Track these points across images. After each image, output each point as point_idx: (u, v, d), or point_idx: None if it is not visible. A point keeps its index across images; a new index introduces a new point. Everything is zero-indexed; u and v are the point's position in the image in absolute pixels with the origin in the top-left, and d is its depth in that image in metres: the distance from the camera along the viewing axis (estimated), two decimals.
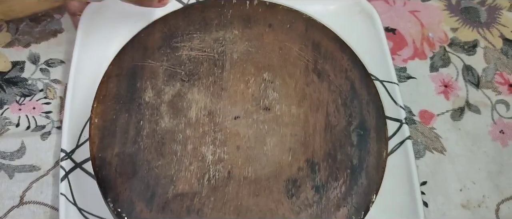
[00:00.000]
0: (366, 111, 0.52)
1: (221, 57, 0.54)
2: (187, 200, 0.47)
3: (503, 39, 0.64)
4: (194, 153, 0.49)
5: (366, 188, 0.49)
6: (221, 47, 0.55)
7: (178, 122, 0.51)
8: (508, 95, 0.60)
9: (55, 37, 0.61)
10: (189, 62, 0.54)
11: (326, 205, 0.48)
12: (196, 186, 0.48)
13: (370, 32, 0.57)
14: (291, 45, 0.55)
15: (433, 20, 0.65)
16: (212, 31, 0.56)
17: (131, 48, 0.53)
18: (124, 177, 0.48)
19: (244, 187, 0.48)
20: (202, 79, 0.53)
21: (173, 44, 0.54)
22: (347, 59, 0.55)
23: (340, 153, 0.50)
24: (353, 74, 0.54)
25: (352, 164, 0.50)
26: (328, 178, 0.49)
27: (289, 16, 0.57)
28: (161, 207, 0.47)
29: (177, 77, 0.53)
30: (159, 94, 0.52)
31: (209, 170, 0.49)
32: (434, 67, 0.61)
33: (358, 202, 0.48)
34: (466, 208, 0.53)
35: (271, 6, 0.57)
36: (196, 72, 0.53)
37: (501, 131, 0.57)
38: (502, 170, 0.55)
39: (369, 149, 0.51)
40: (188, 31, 0.55)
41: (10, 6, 0.56)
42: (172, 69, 0.53)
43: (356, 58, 0.55)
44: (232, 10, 0.57)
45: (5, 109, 0.55)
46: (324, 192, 0.48)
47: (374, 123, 0.52)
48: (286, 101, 0.52)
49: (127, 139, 0.49)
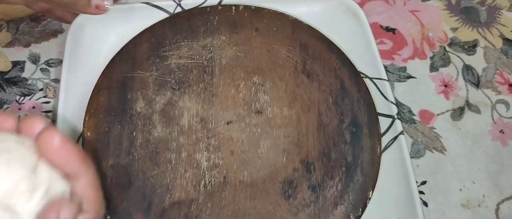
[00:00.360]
0: (357, 108, 0.53)
1: (210, 64, 0.54)
2: (184, 207, 0.47)
3: (503, 39, 0.64)
4: (188, 160, 0.49)
5: (362, 184, 0.49)
6: (210, 54, 0.55)
7: (171, 131, 0.51)
8: (508, 95, 0.60)
9: (55, 37, 0.60)
10: (178, 71, 0.54)
11: (323, 204, 0.48)
12: (193, 193, 0.48)
13: (357, 31, 0.58)
14: (279, 47, 0.56)
15: (433, 20, 0.65)
16: (200, 38, 0.56)
17: (120, 60, 0.53)
18: (120, 188, 0.47)
19: (241, 191, 0.48)
20: (193, 86, 0.53)
21: (162, 53, 0.54)
22: (336, 58, 0.55)
23: (334, 152, 0.50)
24: (342, 72, 0.54)
25: (346, 162, 0.50)
26: (324, 177, 0.49)
27: (275, 19, 0.57)
28: (159, 216, 0.47)
29: (168, 86, 0.53)
30: (151, 104, 0.52)
31: (204, 176, 0.49)
32: (434, 67, 0.61)
33: (355, 199, 0.48)
34: (466, 207, 0.53)
35: (256, 10, 0.57)
36: (186, 79, 0.53)
37: (501, 131, 0.57)
38: (502, 169, 0.55)
39: (362, 145, 0.51)
40: (176, 39, 0.55)
41: (10, 5, 0.56)
42: (162, 78, 0.53)
43: (344, 56, 0.55)
44: (218, 16, 0.57)
45: (5, 108, 0.55)
46: (320, 191, 0.48)
47: (366, 119, 0.52)
48: (278, 103, 0.53)
49: (121, 151, 0.49)
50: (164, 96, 0.52)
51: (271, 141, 0.51)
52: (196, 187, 0.48)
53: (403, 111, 0.58)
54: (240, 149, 0.50)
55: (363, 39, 0.57)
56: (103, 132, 0.50)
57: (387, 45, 0.62)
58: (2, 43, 0.59)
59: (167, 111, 0.52)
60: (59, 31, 0.61)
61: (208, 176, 0.48)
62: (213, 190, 0.48)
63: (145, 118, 0.51)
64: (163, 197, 0.47)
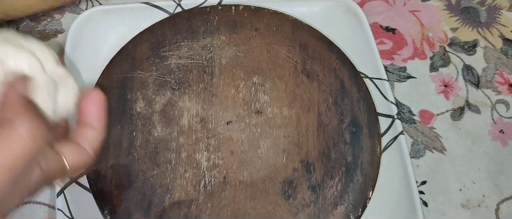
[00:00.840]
0: (357, 108, 0.53)
1: (210, 64, 0.54)
2: (184, 207, 0.47)
3: (503, 39, 0.64)
4: (188, 160, 0.49)
5: (362, 185, 0.49)
6: (210, 54, 0.55)
7: (171, 131, 0.51)
8: (508, 95, 0.60)
9: (56, 37, 0.60)
10: (178, 71, 0.54)
11: (323, 204, 0.48)
12: (193, 193, 0.48)
13: (356, 30, 0.58)
14: (279, 47, 0.56)
15: (433, 20, 0.65)
16: (200, 38, 0.56)
17: (120, 60, 0.53)
18: (120, 188, 0.47)
19: (241, 191, 0.48)
20: (192, 87, 0.53)
21: (161, 53, 0.54)
22: (336, 58, 0.55)
23: (334, 152, 0.50)
24: (342, 72, 0.54)
25: (346, 162, 0.50)
26: (324, 177, 0.49)
27: (275, 19, 0.57)
28: (159, 216, 0.47)
29: (167, 86, 0.53)
30: (150, 104, 0.52)
31: (204, 177, 0.49)
32: (434, 67, 0.61)
33: (355, 199, 0.48)
34: (466, 207, 0.53)
35: (256, 10, 0.57)
36: (186, 80, 0.53)
37: (501, 131, 0.57)
38: (502, 170, 0.55)
39: (362, 145, 0.51)
40: (176, 39, 0.55)
41: (11, 5, 0.56)
42: (162, 78, 0.53)
43: (344, 56, 0.55)
44: (218, 16, 0.57)
45: None
46: (320, 191, 0.48)
47: (366, 119, 0.52)
48: (277, 103, 0.53)
49: (121, 151, 0.49)
50: (164, 96, 0.52)
51: (271, 141, 0.51)
52: (196, 187, 0.48)
53: (403, 111, 0.58)
54: (240, 149, 0.50)
55: (363, 39, 0.57)
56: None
57: (387, 45, 0.62)
58: None
59: (167, 111, 0.52)
60: (59, 31, 0.61)
61: (208, 176, 0.48)
62: (213, 190, 0.48)
63: (145, 118, 0.51)
64: (163, 197, 0.47)
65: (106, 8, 0.56)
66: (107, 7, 0.56)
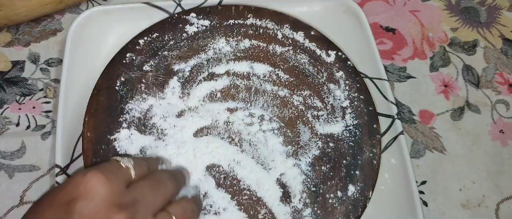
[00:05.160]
0: (357, 108, 0.53)
1: (210, 63, 0.54)
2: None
3: (503, 39, 0.64)
4: None
5: (362, 185, 0.49)
6: (210, 54, 0.55)
7: None
8: (508, 95, 0.60)
9: (55, 36, 0.60)
10: (178, 71, 0.54)
11: (323, 204, 0.48)
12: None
13: (356, 31, 0.58)
14: (279, 47, 0.56)
15: (433, 20, 0.65)
16: (200, 38, 0.56)
17: (120, 60, 0.53)
18: None
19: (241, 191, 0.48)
20: (193, 86, 0.53)
21: (162, 53, 0.54)
22: (336, 58, 0.55)
23: (334, 152, 0.50)
24: (342, 72, 0.55)
25: (346, 162, 0.50)
26: (324, 177, 0.49)
27: (275, 19, 0.57)
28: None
29: (167, 86, 0.53)
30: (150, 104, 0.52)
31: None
32: (434, 67, 0.61)
33: (355, 199, 0.48)
34: (466, 207, 0.53)
35: (256, 10, 0.57)
36: (186, 80, 0.53)
37: (501, 131, 0.57)
38: (502, 170, 0.55)
39: (362, 145, 0.51)
40: (175, 40, 0.55)
41: (14, 10, 0.56)
42: (162, 78, 0.53)
43: (344, 56, 0.55)
44: (218, 16, 0.57)
45: (5, 108, 0.55)
46: (320, 191, 0.48)
47: (366, 119, 0.52)
48: (277, 103, 0.53)
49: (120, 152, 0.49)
50: (164, 96, 0.52)
51: (270, 140, 0.51)
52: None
53: (403, 111, 0.58)
54: (240, 149, 0.50)
55: (363, 39, 0.57)
56: (102, 132, 0.49)
57: (387, 45, 0.62)
58: (2, 43, 0.59)
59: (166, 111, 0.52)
60: (58, 30, 0.61)
61: (208, 176, 0.48)
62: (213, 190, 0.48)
63: (145, 118, 0.51)
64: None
65: (106, 8, 0.56)
66: (107, 7, 0.56)
